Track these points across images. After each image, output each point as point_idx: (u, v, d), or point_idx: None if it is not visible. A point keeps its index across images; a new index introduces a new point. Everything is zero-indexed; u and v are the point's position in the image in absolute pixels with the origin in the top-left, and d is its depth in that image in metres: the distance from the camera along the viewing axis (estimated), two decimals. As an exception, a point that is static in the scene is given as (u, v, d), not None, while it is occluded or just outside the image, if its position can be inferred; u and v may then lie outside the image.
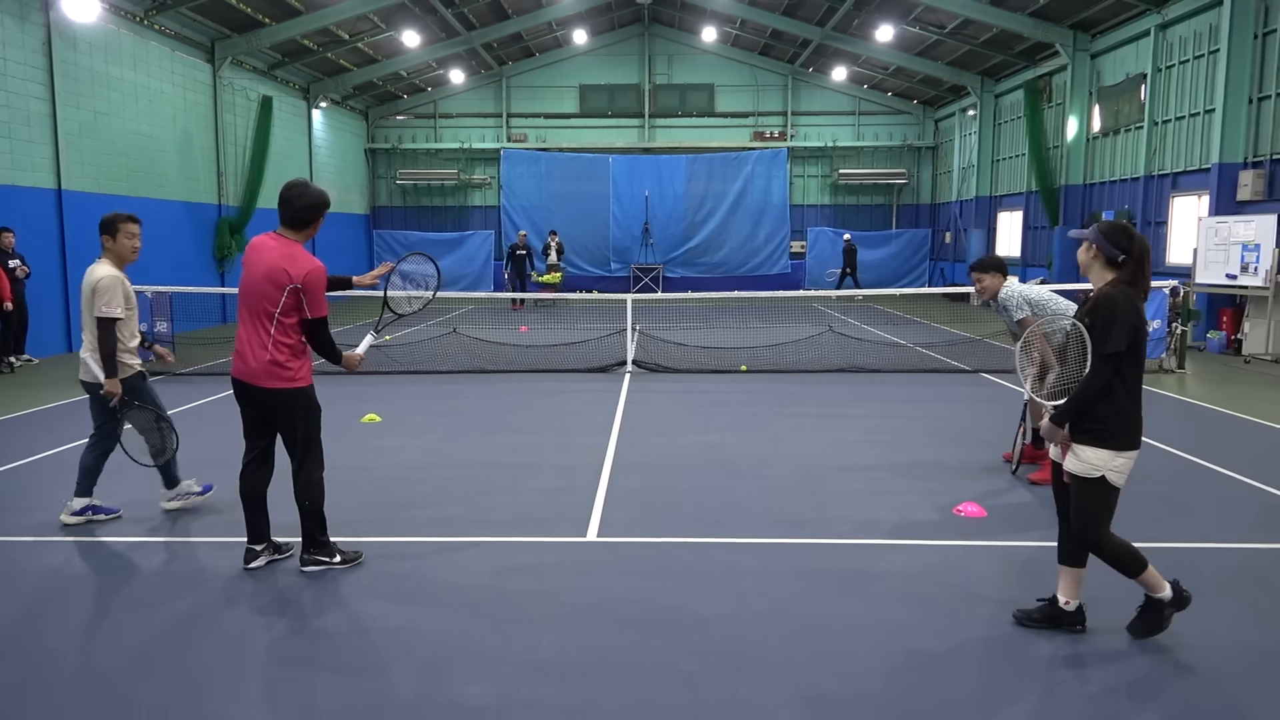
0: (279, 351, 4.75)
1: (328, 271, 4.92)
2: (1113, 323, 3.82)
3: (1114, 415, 3.90)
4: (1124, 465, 3.95)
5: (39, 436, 8.42)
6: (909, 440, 8.22)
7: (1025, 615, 4.30)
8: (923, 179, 29.53)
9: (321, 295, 4.77)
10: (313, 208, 4.87)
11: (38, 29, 14.28)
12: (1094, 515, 4.01)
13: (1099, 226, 4.11)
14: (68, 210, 14.89)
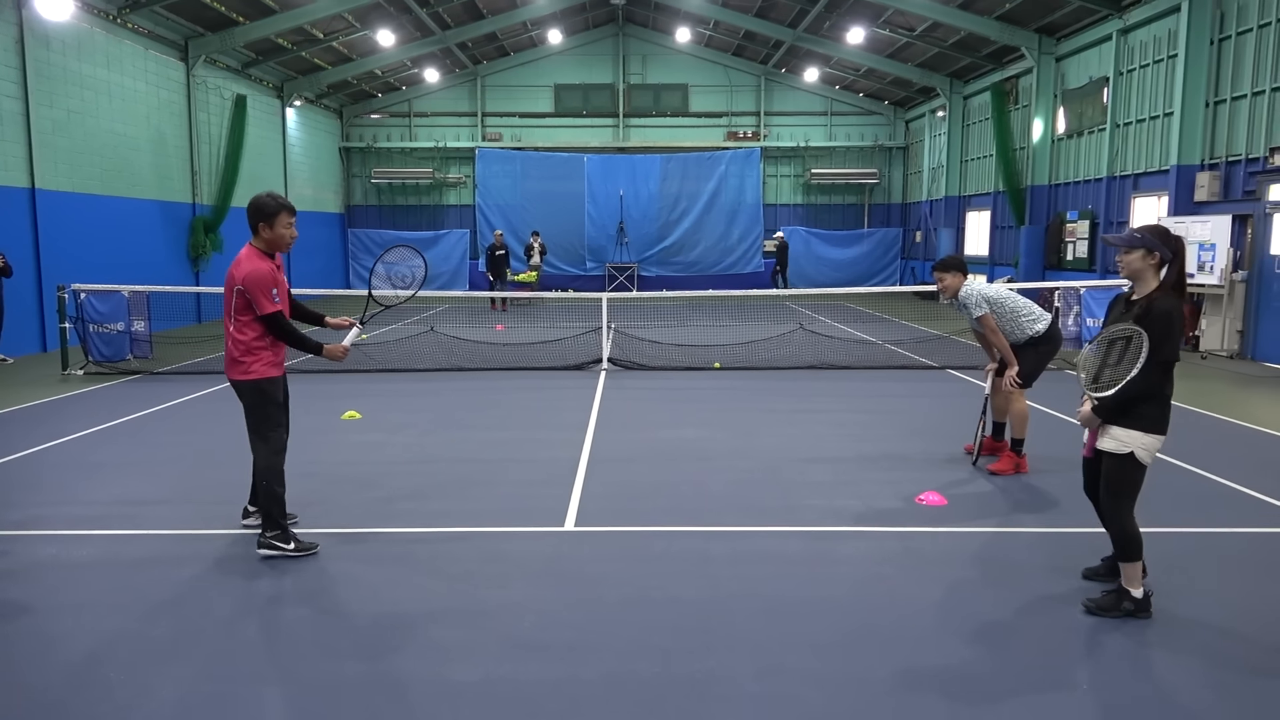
0: (235, 347, 5.23)
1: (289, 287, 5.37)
2: (1171, 333, 4.14)
3: (1149, 402, 4.24)
4: (1152, 444, 4.28)
5: (21, 434, 8.49)
6: (875, 433, 8.50)
7: (1092, 571, 4.82)
8: (894, 179, 29.97)
9: (260, 294, 5.10)
10: (253, 213, 5.21)
11: (10, 27, 14.25)
12: (1121, 490, 4.35)
13: (1147, 231, 4.34)
14: (41, 209, 14.87)
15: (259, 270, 5.10)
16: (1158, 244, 4.28)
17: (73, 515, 6.02)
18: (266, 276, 5.12)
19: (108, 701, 3.60)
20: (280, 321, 5.19)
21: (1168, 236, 4.32)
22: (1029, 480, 6.86)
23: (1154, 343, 4.11)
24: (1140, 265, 4.32)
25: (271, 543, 5.24)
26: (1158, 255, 4.29)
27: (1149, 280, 4.33)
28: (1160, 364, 4.15)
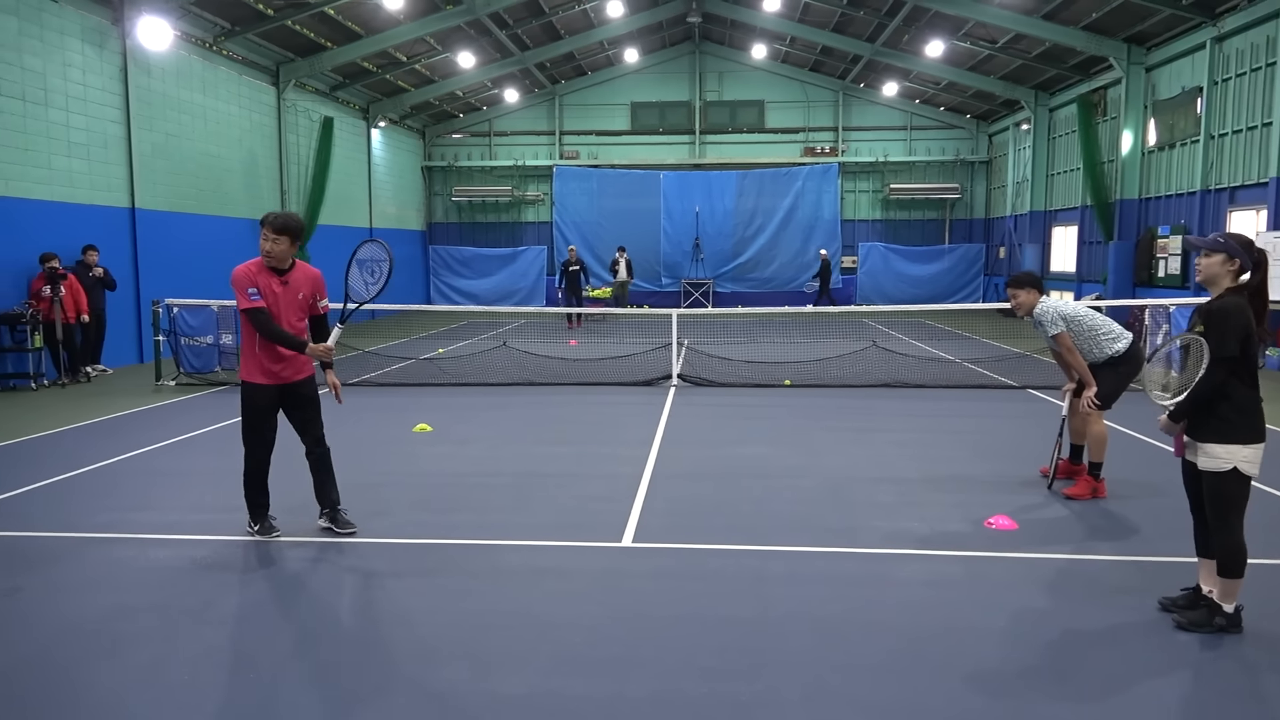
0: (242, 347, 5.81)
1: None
2: (1225, 330, 4.10)
3: (1236, 412, 4.18)
4: (1252, 455, 4.19)
5: (112, 442, 8.90)
6: (945, 454, 8.29)
7: (1170, 601, 4.58)
8: (976, 193, 29.32)
9: (238, 293, 5.59)
10: None
11: (115, 56, 15.06)
12: (1228, 505, 4.25)
13: (1231, 238, 4.31)
14: (140, 228, 15.64)
15: (237, 273, 5.63)
16: (1240, 251, 4.23)
17: (154, 521, 6.27)
18: (242, 279, 5.60)
19: (171, 701, 3.73)
20: (256, 316, 5.56)
21: (1251, 246, 4.27)
22: (1107, 505, 6.59)
23: (1212, 342, 4.08)
24: (1218, 270, 4.26)
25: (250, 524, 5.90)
26: (1237, 262, 4.24)
27: (1222, 286, 4.27)
28: (1219, 362, 4.09)
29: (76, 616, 4.61)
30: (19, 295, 12.82)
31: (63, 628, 4.47)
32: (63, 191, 13.93)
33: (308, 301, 5.80)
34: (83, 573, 5.27)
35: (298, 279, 5.76)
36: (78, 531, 6.03)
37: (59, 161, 13.86)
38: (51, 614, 4.65)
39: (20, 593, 4.96)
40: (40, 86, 13.44)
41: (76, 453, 8.42)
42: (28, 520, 6.31)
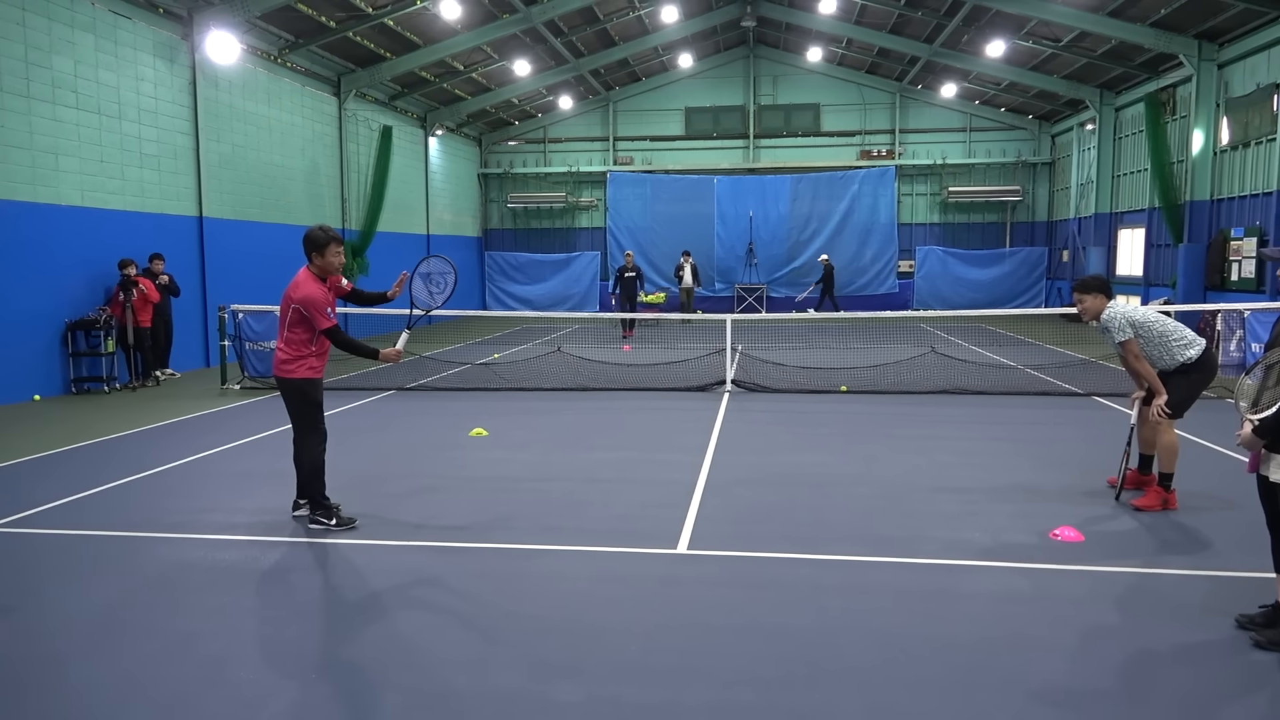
0: (283, 352, 6.10)
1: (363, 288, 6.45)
2: None
3: None
4: None
5: (181, 444, 9.15)
6: (1008, 463, 8.12)
7: (1248, 619, 4.43)
8: (1038, 195, 28.70)
9: (317, 314, 5.94)
10: (307, 244, 6.10)
11: (184, 70, 15.50)
12: None
13: None
14: (207, 236, 16.06)
15: (314, 295, 5.94)
16: None
17: (219, 521, 6.43)
18: (320, 299, 5.95)
19: (236, 700, 3.81)
20: (336, 334, 6.03)
21: None
22: (1178, 518, 6.39)
23: None
24: None
25: (319, 519, 6.17)
26: None
27: None
28: None
29: (148, 613, 4.74)
30: (94, 302, 13.26)
31: (137, 625, 4.59)
32: (135, 201, 14.37)
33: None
34: (155, 571, 5.42)
35: (330, 284, 6.24)
36: (150, 531, 6.21)
37: (131, 172, 14.30)
38: (126, 611, 4.79)
39: (95, 589, 5.12)
40: (115, 100, 13.89)
41: (148, 454, 8.67)
42: (103, 519, 6.51)
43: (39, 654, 4.27)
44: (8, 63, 11.93)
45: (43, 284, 12.47)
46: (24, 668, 4.13)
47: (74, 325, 12.85)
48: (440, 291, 6.49)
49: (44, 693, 3.88)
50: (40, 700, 3.82)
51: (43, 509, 6.76)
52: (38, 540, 6.06)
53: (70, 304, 12.95)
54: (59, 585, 5.23)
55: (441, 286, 6.49)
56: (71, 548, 5.91)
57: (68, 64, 12.95)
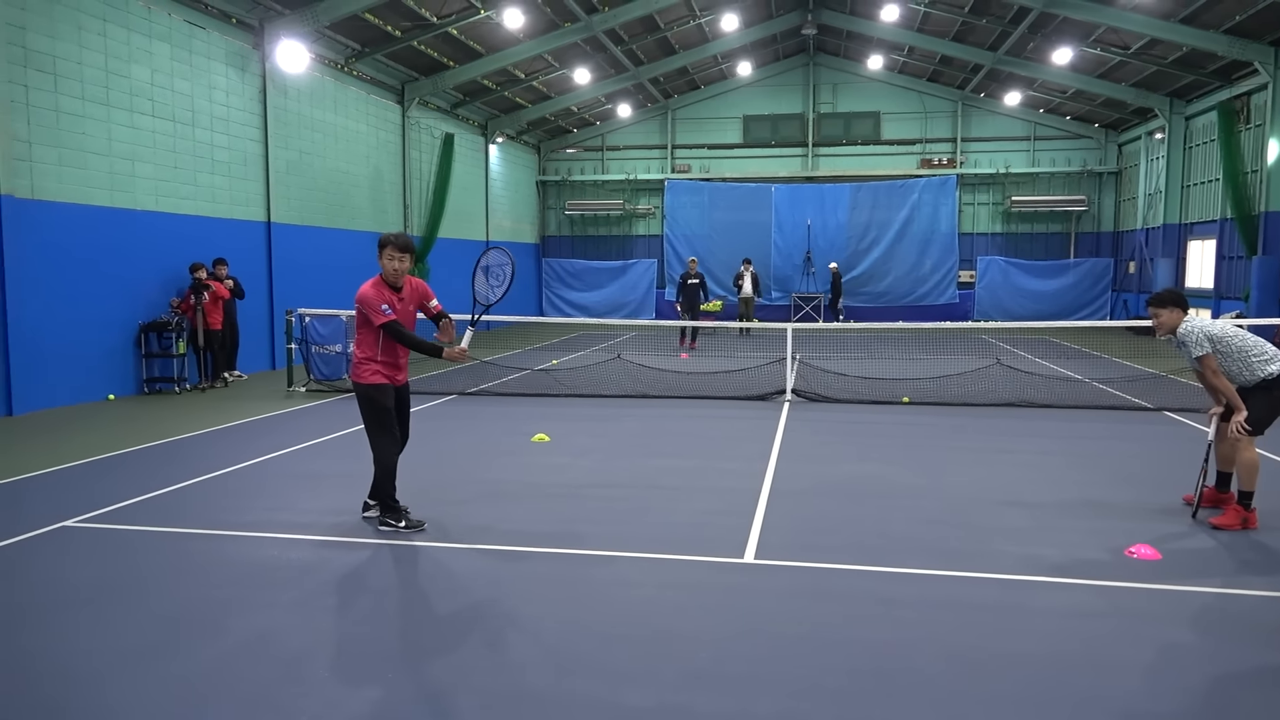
0: (355, 355, 6.28)
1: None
2: None
3: None
4: None
5: (251, 444, 9.37)
6: (1078, 478, 7.94)
7: None
8: (1104, 206, 28.06)
9: (371, 311, 6.04)
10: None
11: (255, 78, 15.92)
12: None
13: None
14: (275, 241, 16.45)
15: (366, 293, 6.08)
16: None
17: (289, 521, 6.57)
18: (372, 298, 6.05)
19: (315, 698, 3.88)
20: (394, 329, 6.07)
21: None
22: (1258, 537, 6.18)
23: None
24: None
25: (388, 521, 6.27)
26: None
27: None
28: None
29: (226, 610, 4.85)
30: (166, 304, 13.65)
31: (215, 621, 4.71)
32: (206, 206, 14.78)
33: (416, 312, 6.36)
34: (231, 568, 5.55)
35: (409, 293, 6.30)
36: (224, 529, 6.37)
37: (203, 178, 14.71)
38: (204, 607, 4.91)
39: (173, 585, 5.26)
40: (189, 108, 14.31)
41: (219, 454, 8.89)
42: (179, 516, 6.69)
43: (119, 648, 4.40)
44: (89, 72, 12.37)
45: (118, 287, 12.88)
46: (103, 661, 4.26)
47: (147, 327, 13.24)
48: (499, 284, 6.46)
49: (125, 688, 4.00)
50: (121, 694, 3.93)
51: (121, 505, 6.97)
52: (117, 535, 6.25)
53: (144, 306, 13.35)
54: (138, 580, 5.38)
55: (500, 279, 6.45)
56: (149, 543, 6.09)
57: (145, 73, 13.38)
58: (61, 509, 6.81)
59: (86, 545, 6.03)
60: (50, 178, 11.79)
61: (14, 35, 11.19)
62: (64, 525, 6.43)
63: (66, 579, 5.37)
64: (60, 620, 4.73)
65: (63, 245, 11.95)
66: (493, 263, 6.49)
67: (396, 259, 6.14)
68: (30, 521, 6.48)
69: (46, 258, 11.70)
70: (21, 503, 7.09)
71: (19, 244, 11.26)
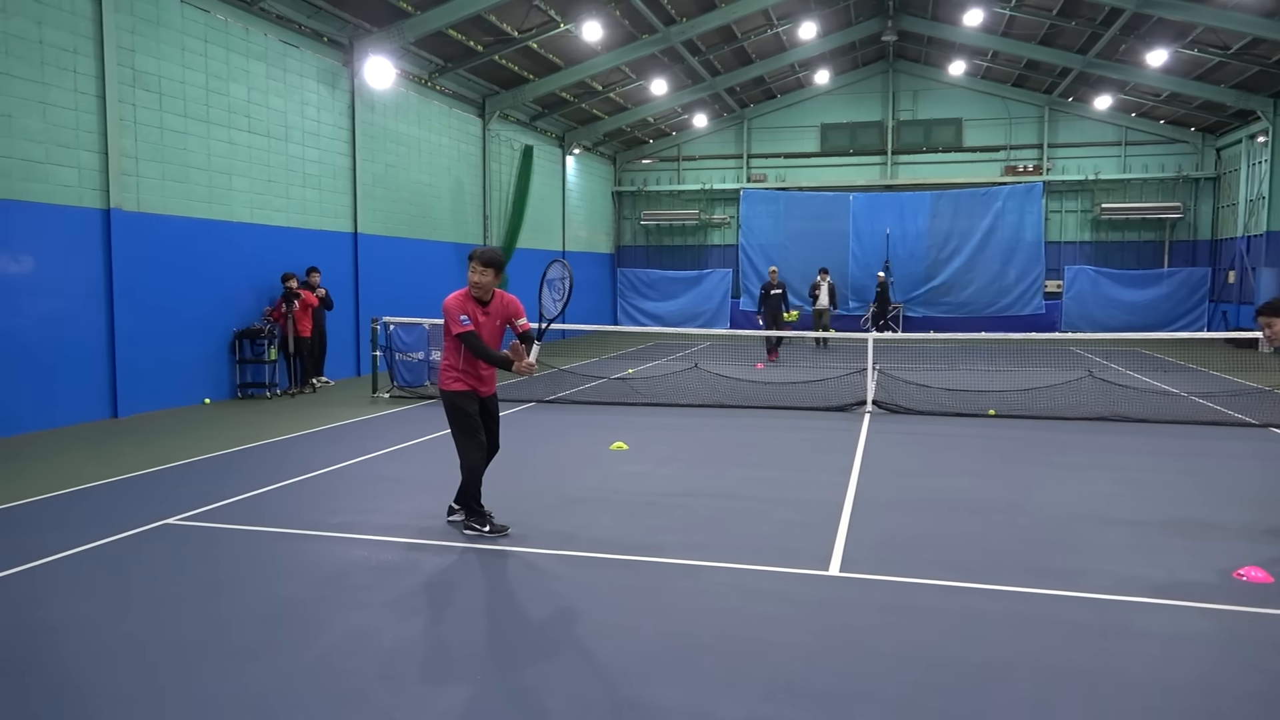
0: (440, 363, 6.44)
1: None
2: None
3: None
4: None
5: (338, 448, 9.61)
6: (1180, 496, 7.62)
7: None
8: (1201, 213, 26.97)
9: (450, 320, 6.19)
10: None
11: (344, 94, 16.40)
12: None
13: None
14: (361, 251, 16.89)
15: (447, 303, 6.22)
16: None
17: (378, 523, 6.71)
18: (452, 307, 6.18)
19: (405, 694, 3.95)
20: (469, 340, 6.16)
21: None
22: (1382, 561, 5.84)
23: None
24: None
25: (472, 525, 6.38)
26: None
27: None
28: None
29: (321, 608, 4.98)
30: (259, 312, 14.13)
31: (312, 619, 4.83)
32: (297, 218, 15.25)
33: (503, 328, 6.42)
34: (324, 568, 5.69)
35: (496, 308, 6.35)
36: (317, 529, 6.54)
37: (295, 191, 15.20)
38: (300, 606, 5.04)
39: (270, 583, 5.42)
40: (282, 124, 14.81)
41: (309, 457, 9.15)
42: (274, 516, 6.90)
43: (221, 641, 4.54)
44: (191, 90, 12.90)
45: (214, 295, 13.37)
46: (206, 653, 4.40)
47: (241, 334, 13.72)
48: (559, 297, 6.52)
49: (228, 679, 4.12)
50: (227, 686, 4.06)
51: (219, 505, 7.21)
52: (216, 534, 6.47)
53: (238, 314, 13.84)
54: (237, 577, 5.56)
55: (560, 293, 6.52)
56: (246, 542, 6.29)
57: (242, 91, 13.90)
58: (164, 507, 7.09)
59: (188, 542, 6.26)
60: (155, 191, 12.33)
61: (124, 57, 11.74)
62: (166, 523, 6.69)
63: (170, 574, 5.58)
64: (165, 612, 4.91)
65: (165, 256, 12.47)
66: (554, 276, 6.59)
67: (479, 273, 6.19)
68: (135, 518, 6.76)
69: (150, 268, 12.22)
70: (127, 500, 7.40)
71: (126, 255, 11.80)
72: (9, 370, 10.35)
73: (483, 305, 6.28)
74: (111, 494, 7.64)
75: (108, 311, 11.64)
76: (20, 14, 10.40)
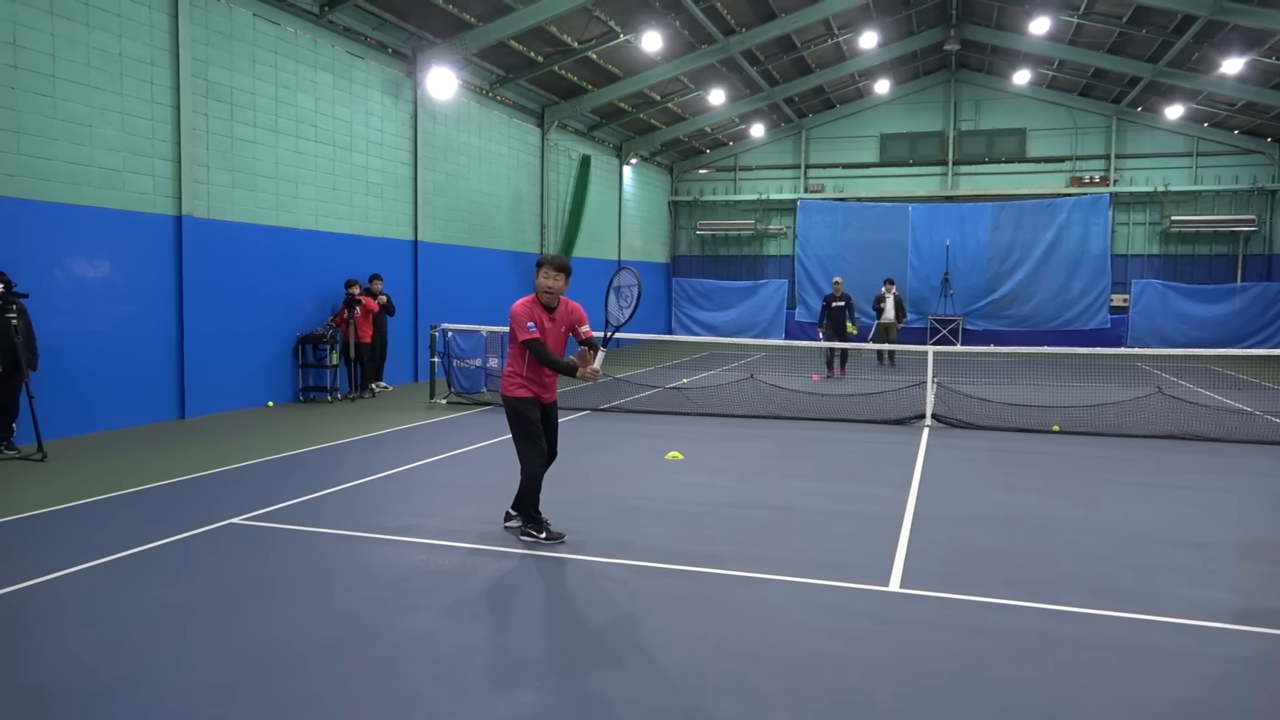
0: (505, 368, 6.47)
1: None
2: None
3: None
4: None
5: (397, 453, 9.74)
6: (1255, 518, 7.35)
7: None
8: (1276, 226, 26.07)
9: (516, 327, 6.24)
10: None
11: (407, 104, 16.69)
12: None
13: None
14: (421, 259, 17.15)
15: (515, 309, 6.30)
16: None
17: (436, 527, 6.78)
18: (520, 314, 6.26)
19: (464, 699, 3.97)
20: (534, 346, 6.21)
21: None
22: None
23: None
24: None
25: (529, 532, 6.41)
26: None
27: None
28: None
29: (381, 611, 5.04)
30: (321, 318, 14.41)
31: (372, 622, 4.89)
32: (360, 226, 15.54)
33: (567, 335, 6.46)
34: (383, 571, 5.77)
35: (561, 315, 6.41)
36: (376, 532, 6.63)
37: (358, 199, 15.49)
38: (361, 608, 5.11)
39: (331, 585, 5.50)
40: (347, 134, 15.12)
41: (369, 460, 9.29)
42: (335, 518, 7.01)
43: (287, 640, 4.62)
44: (261, 101, 13.24)
45: (279, 301, 13.68)
46: (267, 653, 4.47)
47: (304, 339, 14.00)
48: (628, 305, 6.51)
49: (290, 679, 4.19)
50: (289, 685, 4.13)
51: (282, 506, 7.36)
52: (279, 534, 6.59)
53: (301, 319, 14.13)
54: (300, 577, 5.66)
55: (629, 300, 6.51)
56: (309, 543, 6.40)
57: (309, 101, 14.22)
58: (229, 507, 7.25)
59: (253, 542, 6.39)
60: (224, 199, 12.66)
61: (199, 69, 12.10)
62: (231, 522, 6.84)
63: (236, 572, 5.70)
64: (229, 611, 5.01)
65: (233, 261, 12.79)
66: (623, 283, 6.57)
67: (551, 278, 6.28)
68: (202, 517, 6.92)
69: (219, 273, 12.55)
70: (194, 500, 7.58)
71: (197, 260, 12.14)
72: (84, 371, 10.70)
73: (549, 311, 6.34)
74: (178, 493, 7.84)
75: (177, 316, 11.97)
76: (102, 28, 10.79)
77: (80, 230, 10.66)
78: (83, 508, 7.27)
